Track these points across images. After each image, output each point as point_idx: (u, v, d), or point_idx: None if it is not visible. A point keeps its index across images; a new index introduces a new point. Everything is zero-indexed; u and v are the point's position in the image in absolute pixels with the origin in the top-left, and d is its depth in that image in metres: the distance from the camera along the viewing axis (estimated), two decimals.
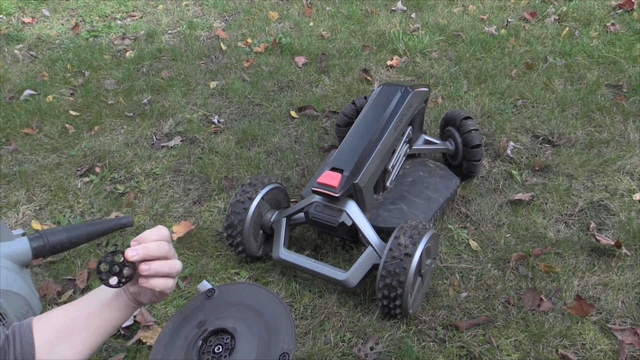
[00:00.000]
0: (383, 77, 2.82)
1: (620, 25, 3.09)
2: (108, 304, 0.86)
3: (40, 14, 4.08)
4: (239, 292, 0.97)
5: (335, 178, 1.52)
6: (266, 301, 0.95)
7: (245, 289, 0.98)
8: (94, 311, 0.86)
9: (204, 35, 3.47)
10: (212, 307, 0.94)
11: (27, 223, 1.97)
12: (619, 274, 1.60)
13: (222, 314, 0.93)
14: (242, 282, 1.10)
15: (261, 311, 0.93)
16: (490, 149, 2.17)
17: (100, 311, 0.86)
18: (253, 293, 0.97)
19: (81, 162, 2.29)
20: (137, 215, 1.98)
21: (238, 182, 2.10)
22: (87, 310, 0.85)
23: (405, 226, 1.46)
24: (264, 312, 0.92)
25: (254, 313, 0.92)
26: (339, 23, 3.47)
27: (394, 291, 1.39)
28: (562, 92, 2.51)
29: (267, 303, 0.95)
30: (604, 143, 2.15)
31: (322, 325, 1.50)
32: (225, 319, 0.92)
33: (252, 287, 0.99)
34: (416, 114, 1.90)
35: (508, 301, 1.54)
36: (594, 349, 1.39)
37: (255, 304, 0.94)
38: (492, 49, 2.97)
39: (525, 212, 1.85)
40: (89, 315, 0.85)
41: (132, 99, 2.76)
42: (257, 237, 1.68)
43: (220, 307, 0.95)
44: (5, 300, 1.33)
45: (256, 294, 0.97)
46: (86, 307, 0.86)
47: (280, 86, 2.80)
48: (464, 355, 1.40)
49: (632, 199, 1.87)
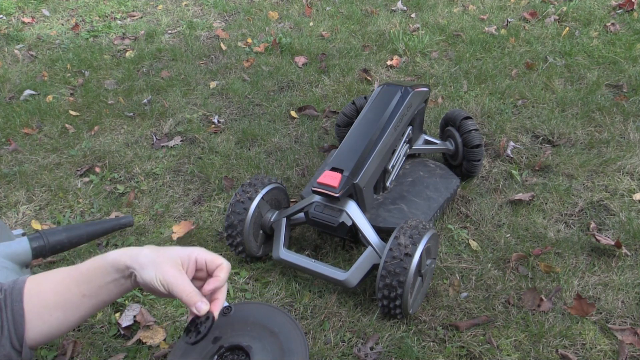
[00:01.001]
0: (383, 77, 2.82)
1: (620, 25, 3.09)
2: (105, 287, 0.83)
3: (40, 14, 4.08)
4: (255, 312, 0.98)
5: (335, 178, 1.52)
6: (282, 323, 0.96)
7: (262, 310, 0.99)
8: (89, 293, 0.82)
9: (204, 35, 3.47)
10: (227, 323, 0.95)
11: (27, 223, 1.97)
12: (619, 274, 1.60)
13: (238, 331, 0.94)
14: (259, 303, 1.12)
15: (276, 332, 0.93)
16: (490, 149, 2.17)
17: (97, 294, 0.83)
18: (269, 314, 0.98)
19: (81, 162, 2.29)
20: (137, 215, 1.98)
21: (238, 182, 2.11)
22: (81, 291, 0.82)
23: (405, 226, 1.46)
24: (279, 333, 0.93)
25: (269, 333, 0.93)
26: (339, 23, 3.47)
27: (394, 291, 1.39)
28: (562, 92, 2.51)
29: (283, 325, 0.95)
30: (604, 143, 2.15)
31: (322, 325, 1.50)
32: (241, 337, 0.92)
33: (268, 308, 1.00)
34: (416, 114, 1.90)
35: (508, 301, 1.54)
36: (594, 349, 1.39)
37: (271, 325, 0.95)
38: (492, 49, 2.97)
39: (525, 212, 1.85)
40: (84, 297, 0.82)
41: (132, 99, 2.76)
42: (257, 237, 1.68)
43: (235, 324, 0.96)
44: None
45: (272, 315, 0.97)
46: (80, 288, 0.82)
47: (280, 86, 2.80)
48: (464, 355, 1.40)
49: (632, 199, 1.87)
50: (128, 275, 0.83)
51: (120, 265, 0.82)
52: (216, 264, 0.86)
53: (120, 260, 0.82)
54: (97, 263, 0.83)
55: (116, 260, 0.82)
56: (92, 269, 0.83)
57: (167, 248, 0.84)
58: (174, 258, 0.82)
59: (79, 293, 0.82)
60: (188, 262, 0.84)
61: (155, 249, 0.84)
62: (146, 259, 0.81)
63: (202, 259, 0.85)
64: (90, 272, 0.83)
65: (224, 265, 0.86)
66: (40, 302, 0.80)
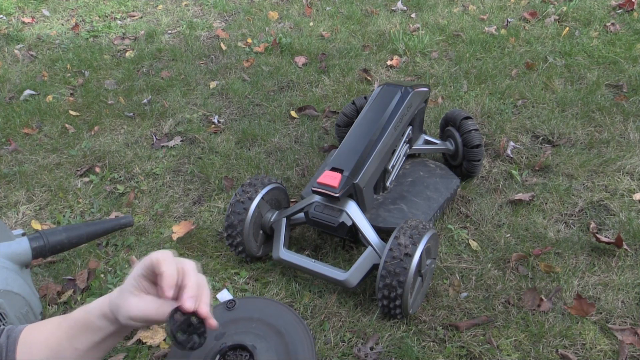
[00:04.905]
0: (383, 77, 2.82)
1: (620, 25, 3.08)
2: (102, 342, 0.77)
3: (40, 14, 4.08)
4: (260, 308, 0.93)
5: (335, 178, 1.52)
6: (288, 322, 0.91)
7: (267, 306, 0.95)
8: (82, 347, 0.76)
9: (204, 35, 3.47)
10: (231, 319, 0.91)
11: (27, 223, 1.97)
12: (619, 274, 1.60)
13: (242, 328, 0.90)
14: (264, 298, 1.07)
15: (282, 332, 0.89)
16: (490, 149, 2.17)
17: (91, 348, 0.77)
18: (275, 311, 0.93)
19: (81, 162, 2.29)
20: (137, 215, 1.98)
21: (238, 182, 2.10)
22: (73, 345, 0.76)
23: (405, 226, 1.46)
24: (285, 333, 0.89)
25: (275, 333, 0.89)
26: (339, 23, 3.47)
27: (394, 291, 1.39)
28: (562, 92, 2.51)
29: (289, 324, 0.91)
30: (604, 143, 2.15)
31: (322, 325, 1.50)
32: (245, 335, 0.88)
33: (275, 304, 0.96)
34: (416, 114, 1.90)
35: (508, 301, 1.54)
36: (594, 349, 1.39)
37: (277, 323, 0.91)
38: (492, 49, 2.97)
39: (525, 212, 1.85)
40: (76, 350, 0.76)
41: (132, 99, 2.76)
42: (257, 237, 1.68)
43: (240, 320, 0.91)
44: (5, 300, 1.33)
45: (279, 313, 0.93)
46: (72, 343, 0.76)
47: (280, 86, 2.80)
48: (464, 355, 1.40)
49: (632, 199, 1.87)
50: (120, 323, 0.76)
51: (108, 315, 0.76)
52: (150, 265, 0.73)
53: (104, 309, 0.76)
54: (84, 317, 0.77)
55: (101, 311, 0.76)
56: (80, 323, 0.77)
57: (124, 282, 0.76)
58: (127, 289, 0.74)
59: (70, 347, 0.76)
60: (138, 284, 0.74)
61: (119, 287, 0.77)
62: (115, 301, 0.74)
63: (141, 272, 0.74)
64: (80, 323, 0.77)
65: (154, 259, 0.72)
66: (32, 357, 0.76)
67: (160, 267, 0.70)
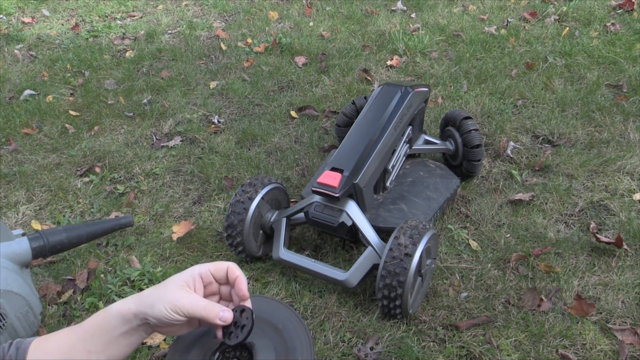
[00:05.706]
0: (383, 77, 2.82)
1: (620, 25, 3.09)
2: (114, 342, 0.77)
3: (40, 14, 4.08)
4: (259, 306, 0.95)
5: (335, 178, 1.52)
6: (286, 318, 0.93)
7: (266, 304, 0.96)
8: (95, 349, 0.76)
9: (204, 35, 3.47)
10: None
11: (27, 223, 1.97)
12: (619, 274, 1.60)
13: None
14: (263, 296, 1.08)
15: (280, 329, 0.91)
16: (490, 149, 2.17)
17: (103, 349, 0.77)
18: (274, 309, 0.95)
19: (81, 162, 2.29)
20: (137, 215, 1.98)
21: (238, 182, 2.11)
22: (86, 347, 0.76)
23: (405, 226, 1.46)
24: (283, 330, 0.90)
25: (273, 330, 0.91)
26: (339, 23, 3.47)
27: (394, 291, 1.39)
28: (562, 92, 2.51)
29: (287, 321, 0.92)
30: (604, 143, 2.15)
31: (322, 325, 1.50)
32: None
33: (272, 302, 0.97)
34: (416, 114, 1.90)
35: (508, 301, 1.54)
36: (594, 349, 1.39)
37: (275, 320, 0.92)
38: (492, 49, 2.97)
39: (525, 212, 1.85)
40: (90, 353, 0.76)
41: (132, 99, 2.76)
42: (257, 237, 1.68)
43: None
44: (5, 300, 1.33)
45: (277, 310, 0.94)
46: (85, 344, 0.76)
47: (280, 86, 2.80)
48: (464, 355, 1.40)
49: (632, 199, 1.87)
50: (139, 325, 0.77)
51: (127, 315, 0.77)
52: (223, 269, 0.82)
53: (124, 308, 0.77)
54: (101, 317, 0.78)
55: (120, 310, 0.77)
56: (96, 324, 0.78)
57: (167, 279, 0.80)
58: (176, 283, 0.78)
59: (84, 349, 0.76)
60: (193, 281, 0.80)
61: (156, 285, 0.80)
62: (150, 296, 0.77)
63: (206, 272, 0.82)
64: (94, 327, 0.78)
65: (231, 265, 0.83)
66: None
67: (236, 272, 0.82)
